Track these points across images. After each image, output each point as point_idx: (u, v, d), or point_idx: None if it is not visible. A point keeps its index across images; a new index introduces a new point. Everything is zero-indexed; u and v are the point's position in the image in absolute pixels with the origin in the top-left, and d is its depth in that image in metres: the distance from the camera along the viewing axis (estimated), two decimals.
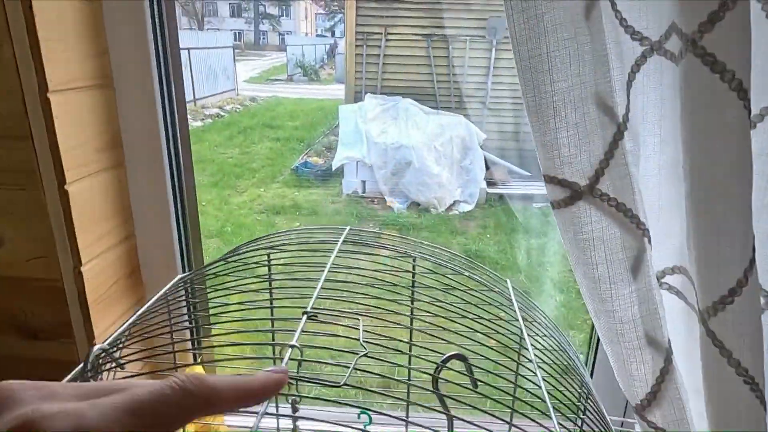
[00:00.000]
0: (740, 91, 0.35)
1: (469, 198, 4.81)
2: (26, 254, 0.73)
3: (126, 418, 0.20)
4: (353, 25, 5.73)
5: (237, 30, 21.40)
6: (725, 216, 0.37)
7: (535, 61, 0.41)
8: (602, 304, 0.45)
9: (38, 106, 0.66)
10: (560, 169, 0.43)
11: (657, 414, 0.45)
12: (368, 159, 4.79)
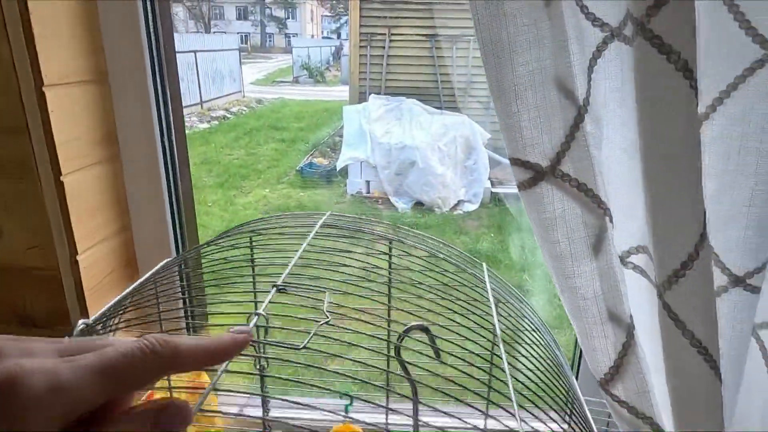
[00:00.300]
0: (686, 71, 0.36)
1: (473, 198, 4.81)
2: (24, 244, 0.76)
3: (97, 378, 0.22)
4: (357, 26, 5.76)
5: (243, 33, 21.54)
6: (677, 192, 0.39)
7: (498, 46, 0.43)
8: (566, 280, 0.46)
9: (34, 100, 0.68)
10: (523, 150, 0.45)
11: (620, 387, 0.47)
12: (372, 159, 4.81)
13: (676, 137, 0.37)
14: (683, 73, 0.36)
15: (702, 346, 0.41)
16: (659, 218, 0.40)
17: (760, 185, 0.45)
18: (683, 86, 0.36)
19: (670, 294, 0.41)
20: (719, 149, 0.48)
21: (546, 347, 0.53)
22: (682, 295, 0.40)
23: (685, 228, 0.39)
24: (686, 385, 0.42)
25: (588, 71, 0.46)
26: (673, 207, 0.39)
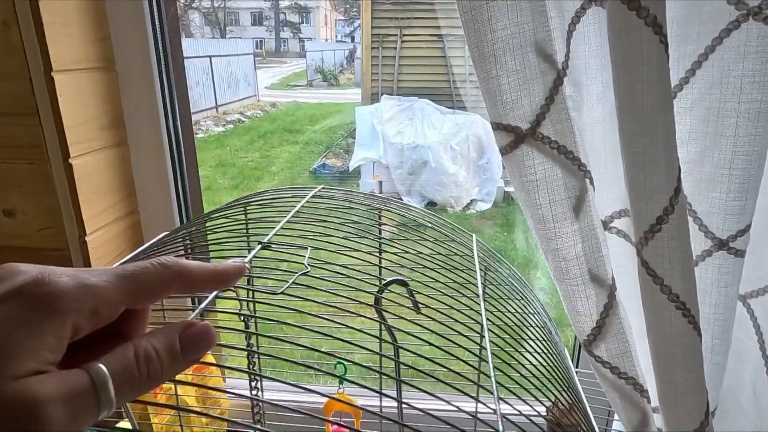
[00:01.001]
0: (655, 26, 0.37)
1: (486, 197, 4.80)
2: (36, 225, 0.79)
3: (118, 281, 0.24)
4: (369, 27, 5.80)
5: (258, 38, 21.79)
6: (650, 147, 0.39)
7: (476, 11, 0.44)
8: (548, 243, 0.47)
9: (43, 85, 0.71)
10: (504, 115, 0.46)
11: (602, 347, 0.48)
12: (384, 159, 4.83)
13: (650, 92, 0.38)
14: (653, 28, 0.37)
15: (680, 300, 0.41)
16: (634, 175, 0.41)
17: (740, 146, 0.45)
18: (653, 41, 0.37)
19: (648, 250, 0.42)
20: (700, 113, 0.48)
21: (541, 327, 0.54)
22: (659, 250, 0.41)
23: (659, 183, 0.40)
24: (666, 341, 0.43)
25: (567, 36, 0.47)
26: (647, 162, 0.40)
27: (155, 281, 0.25)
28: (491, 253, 0.60)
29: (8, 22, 0.69)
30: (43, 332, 0.21)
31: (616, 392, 0.49)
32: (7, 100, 0.73)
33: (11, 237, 0.80)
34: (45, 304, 0.21)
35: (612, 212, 0.51)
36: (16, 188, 0.77)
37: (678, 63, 0.48)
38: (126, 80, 0.85)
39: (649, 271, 0.42)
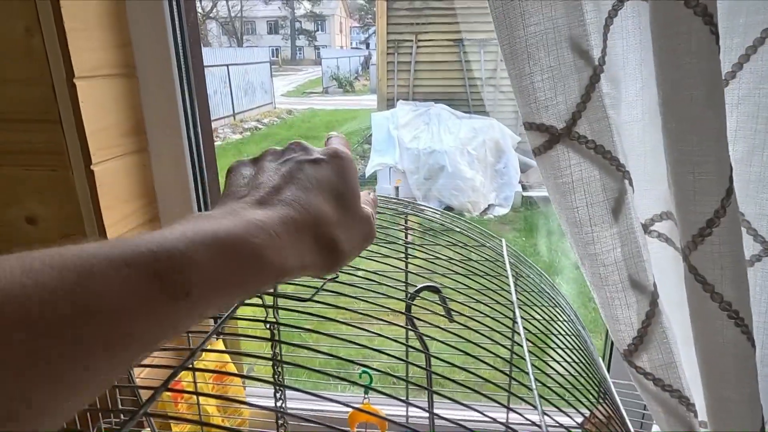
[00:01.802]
0: (705, 15, 0.35)
1: (504, 201, 4.75)
2: (58, 232, 0.79)
3: None
4: (384, 33, 5.81)
5: (274, 46, 22.02)
6: (699, 146, 0.37)
7: (508, 6, 0.42)
8: (585, 248, 0.45)
9: (66, 91, 0.71)
10: (537, 113, 0.44)
11: (644, 358, 0.45)
12: (401, 165, 4.82)
13: (699, 86, 0.36)
14: (702, 18, 0.35)
15: (732, 309, 0.39)
16: (681, 175, 0.38)
17: None
18: (704, 31, 0.35)
19: (696, 255, 0.39)
20: (747, 109, 0.45)
21: (575, 336, 0.51)
22: (709, 255, 0.38)
23: (710, 183, 0.37)
24: (717, 353, 0.40)
25: (603, 30, 0.44)
26: (696, 162, 0.37)
27: None
28: (522, 258, 0.58)
29: (31, 29, 0.69)
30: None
31: (659, 405, 0.46)
32: (29, 106, 0.73)
33: (34, 244, 0.79)
34: (348, 170, 0.31)
35: (653, 215, 0.48)
36: (38, 195, 0.77)
37: (724, 56, 0.45)
38: (147, 86, 0.84)
39: (698, 278, 0.39)
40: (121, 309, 0.18)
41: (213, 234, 0.22)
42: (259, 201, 0.26)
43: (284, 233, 0.25)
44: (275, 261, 0.24)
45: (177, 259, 0.20)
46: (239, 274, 0.22)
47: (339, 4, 24.60)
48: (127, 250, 0.19)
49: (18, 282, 0.17)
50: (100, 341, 0.18)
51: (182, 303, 0.20)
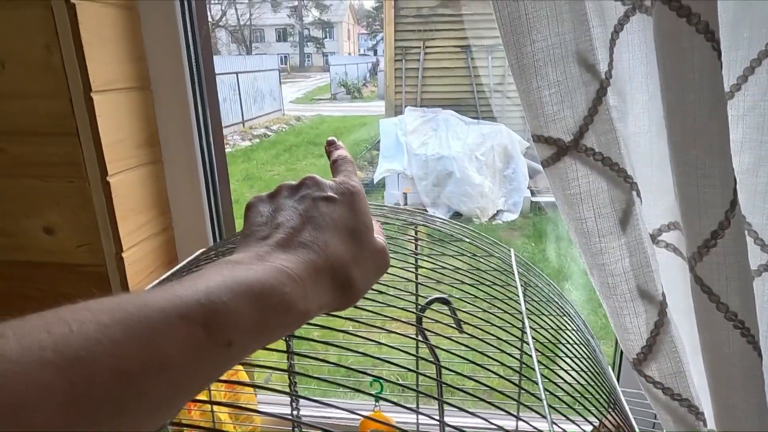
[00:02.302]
0: (707, 32, 0.36)
1: (513, 207, 4.74)
2: (74, 242, 0.81)
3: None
4: (392, 40, 5.84)
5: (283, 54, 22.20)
6: (703, 159, 0.38)
7: (516, 23, 0.43)
8: (594, 258, 0.45)
9: (83, 105, 0.73)
10: (545, 127, 0.44)
11: (653, 367, 0.45)
12: (409, 171, 4.83)
13: (702, 101, 0.37)
14: (705, 35, 0.36)
15: (738, 319, 0.39)
16: (686, 187, 0.39)
17: None
18: (705, 48, 0.36)
19: (702, 266, 0.40)
20: (753, 121, 0.46)
21: (584, 345, 0.52)
22: (714, 266, 0.39)
23: (714, 195, 0.38)
24: (724, 362, 0.41)
25: (610, 44, 0.45)
26: (700, 175, 0.38)
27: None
28: (530, 267, 0.58)
29: (50, 46, 0.71)
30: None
31: (669, 414, 0.47)
32: (47, 120, 0.75)
33: (51, 253, 0.82)
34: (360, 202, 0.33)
35: (660, 225, 0.49)
36: (56, 206, 0.79)
37: (728, 69, 0.46)
38: (161, 99, 0.86)
39: (704, 288, 0.40)
40: (179, 362, 0.20)
41: (250, 285, 0.23)
42: (281, 243, 0.28)
43: (307, 278, 0.26)
44: (301, 307, 0.26)
45: (222, 312, 0.22)
46: (272, 323, 0.24)
47: (347, 12, 24.76)
48: (179, 303, 0.21)
49: (93, 338, 0.18)
50: (162, 392, 0.20)
51: (225, 351, 0.22)
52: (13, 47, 0.72)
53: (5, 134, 0.76)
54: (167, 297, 0.21)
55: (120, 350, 0.18)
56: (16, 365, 0.16)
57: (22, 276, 0.83)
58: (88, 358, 0.18)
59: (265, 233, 0.29)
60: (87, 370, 0.17)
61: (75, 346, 0.17)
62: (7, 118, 0.75)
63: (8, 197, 0.79)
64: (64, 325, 0.18)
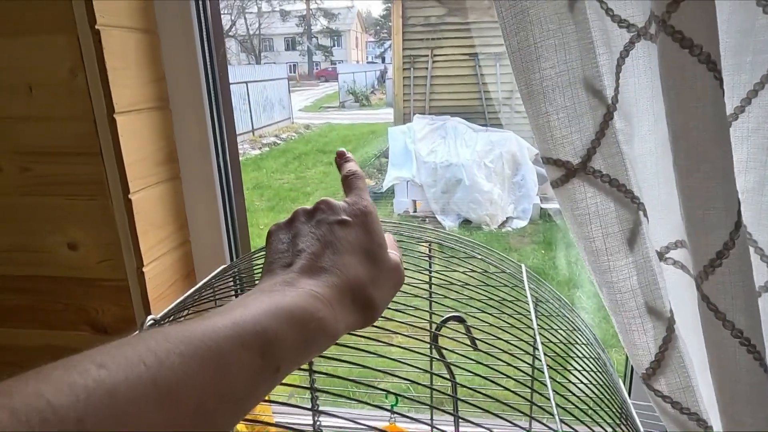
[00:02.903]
0: (709, 63, 0.37)
1: (522, 214, 4.74)
2: (96, 258, 0.83)
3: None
4: (400, 49, 5.89)
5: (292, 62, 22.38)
6: (707, 182, 0.39)
7: (524, 51, 0.45)
8: (602, 275, 0.47)
9: (106, 126, 0.76)
10: (554, 149, 0.46)
11: (662, 381, 0.47)
12: (418, 178, 4.84)
13: (705, 128, 0.38)
14: (707, 65, 0.37)
15: (744, 336, 0.40)
16: (691, 209, 0.40)
17: None
18: (708, 78, 0.37)
19: (708, 285, 0.41)
20: (758, 141, 0.47)
21: (595, 359, 0.53)
22: (720, 285, 0.40)
23: (718, 217, 0.39)
24: (730, 378, 0.42)
25: (616, 70, 0.47)
26: (704, 197, 0.39)
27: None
28: (541, 282, 0.60)
29: (75, 70, 0.74)
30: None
31: (678, 428, 0.48)
32: (72, 140, 0.78)
33: (74, 269, 0.84)
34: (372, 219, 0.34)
35: (668, 243, 0.50)
36: (79, 223, 0.82)
37: (732, 91, 0.47)
38: (179, 118, 0.89)
39: (710, 306, 0.41)
40: (242, 390, 0.22)
41: (291, 311, 0.26)
42: (305, 269, 0.30)
43: (334, 301, 0.28)
44: (333, 329, 0.28)
45: (274, 339, 0.24)
46: (310, 346, 0.26)
47: (355, 20, 24.94)
48: (241, 333, 0.23)
49: (180, 371, 0.20)
50: (227, 417, 0.22)
51: (274, 375, 0.24)
52: (41, 72, 0.75)
53: (32, 154, 0.79)
54: (228, 325, 0.23)
55: (199, 382, 0.20)
56: (126, 404, 0.18)
57: (47, 290, 0.86)
58: (177, 391, 0.19)
59: (288, 260, 0.31)
60: (177, 403, 0.19)
61: (167, 380, 0.19)
62: (34, 139, 0.78)
63: (34, 215, 0.82)
64: (153, 357, 0.20)
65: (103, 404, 0.17)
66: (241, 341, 0.22)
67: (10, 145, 0.79)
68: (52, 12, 0.72)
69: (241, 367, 0.22)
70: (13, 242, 0.84)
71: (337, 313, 0.28)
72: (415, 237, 0.57)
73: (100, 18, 0.72)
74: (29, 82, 0.76)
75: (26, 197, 0.81)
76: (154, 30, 0.84)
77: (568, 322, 0.56)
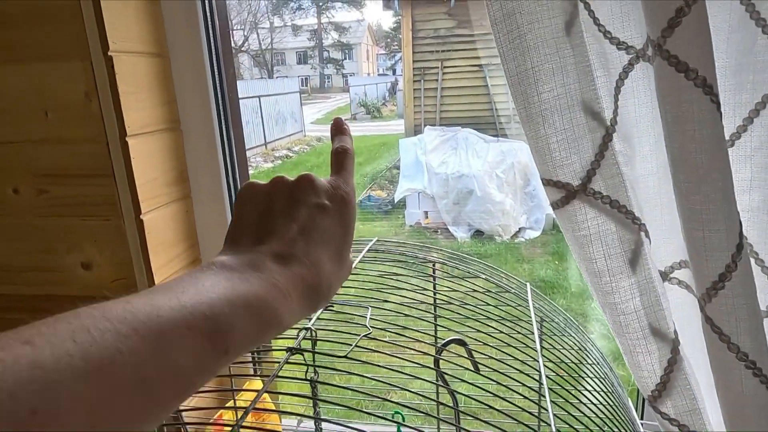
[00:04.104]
0: (705, 86, 0.37)
1: (535, 224, 4.71)
2: (109, 277, 0.85)
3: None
4: (410, 61, 5.93)
5: (303, 76, 22.63)
6: (707, 204, 0.39)
7: (522, 75, 0.46)
8: (605, 297, 0.47)
9: (119, 148, 0.78)
10: (554, 171, 0.47)
11: (668, 404, 0.46)
12: (429, 190, 4.85)
13: (703, 151, 0.38)
14: (703, 89, 0.37)
15: (750, 359, 0.40)
16: (692, 231, 0.40)
17: None
18: (704, 102, 0.38)
19: (711, 307, 0.41)
20: (761, 160, 0.47)
21: (603, 379, 0.53)
22: (723, 307, 0.40)
23: (720, 239, 0.39)
24: (737, 402, 0.41)
25: (615, 92, 0.47)
26: (705, 220, 0.39)
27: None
28: (546, 301, 0.60)
29: (89, 94, 0.76)
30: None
31: None
32: (86, 162, 0.80)
33: (87, 288, 0.86)
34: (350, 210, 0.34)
35: (672, 263, 0.50)
36: (93, 243, 0.83)
37: (734, 111, 0.47)
38: (190, 138, 0.91)
39: (714, 329, 0.41)
40: (187, 370, 0.23)
41: (248, 300, 0.26)
42: (275, 254, 0.29)
43: (296, 295, 0.28)
44: (286, 321, 0.28)
45: (223, 325, 0.24)
46: (261, 335, 0.26)
47: (365, 33, 25.18)
48: (187, 315, 0.23)
49: (114, 347, 0.20)
50: (171, 397, 0.22)
51: (222, 358, 0.24)
52: (56, 97, 0.77)
53: (48, 176, 0.81)
54: (176, 308, 0.23)
55: (139, 360, 0.20)
56: (52, 373, 0.18)
57: (61, 309, 0.87)
58: (111, 368, 0.20)
59: (259, 237, 0.30)
60: (111, 379, 0.19)
61: (99, 356, 0.19)
62: (49, 161, 0.80)
63: (50, 235, 0.84)
64: (86, 334, 0.20)
65: (22, 377, 0.17)
66: (186, 324, 0.23)
67: (27, 167, 0.81)
68: (67, 39, 0.74)
69: (184, 347, 0.22)
70: (29, 262, 0.86)
71: (294, 306, 0.28)
72: (419, 257, 0.57)
73: (112, 44, 0.74)
74: (45, 106, 0.78)
75: (42, 218, 0.83)
76: (165, 53, 0.86)
77: (575, 342, 0.56)
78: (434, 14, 5.91)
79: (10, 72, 0.77)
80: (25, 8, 0.74)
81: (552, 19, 0.44)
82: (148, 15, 0.82)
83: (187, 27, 0.86)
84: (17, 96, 0.78)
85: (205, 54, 0.88)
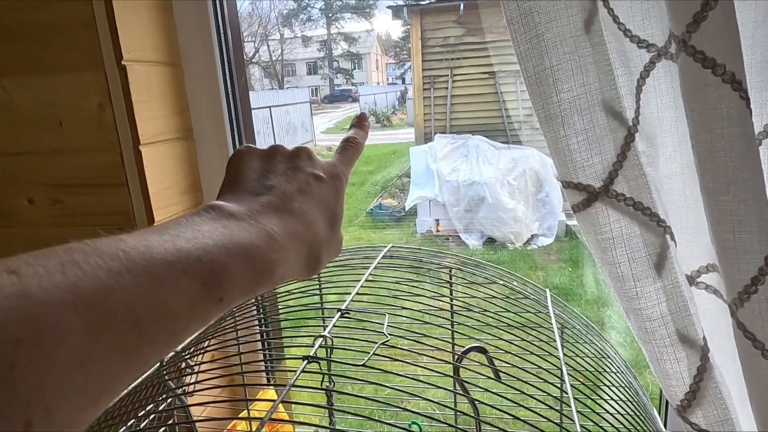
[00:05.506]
0: (734, 82, 0.36)
1: (547, 231, 4.67)
2: None
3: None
4: (419, 70, 5.94)
5: (313, 86, 22.81)
6: (737, 205, 0.38)
7: (541, 75, 0.44)
8: (630, 302, 0.45)
9: (132, 158, 0.78)
10: (574, 173, 0.45)
11: (699, 414, 0.44)
12: (440, 197, 4.83)
13: (732, 150, 0.37)
14: (731, 85, 0.36)
15: None
16: (722, 234, 0.39)
17: None
18: (733, 98, 0.36)
19: (743, 312, 0.39)
20: None
21: (627, 387, 0.51)
22: (757, 312, 0.38)
23: (752, 241, 0.38)
24: None
25: (636, 91, 0.46)
26: (736, 221, 0.38)
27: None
28: (566, 307, 0.58)
29: (103, 104, 0.76)
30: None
31: None
32: (100, 171, 0.80)
33: None
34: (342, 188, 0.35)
35: (699, 267, 0.49)
36: None
37: (761, 109, 0.46)
38: (203, 147, 0.91)
39: (747, 335, 0.39)
40: (180, 313, 0.22)
41: (245, 248, 0.25)
42: (273, 206, 0.29)
43: (291, 247, 0.28)
44: (280, 272, 0.27)
45: (219, 272, 0.23)
46: (256, 285, 0.26)
47: (375, 43, 25.35)
48: (183, 259, 0.22)
49: (107, 285, 0.19)
50: (164, 340, 0.21)
51: (217, 306, 0.24)
52: (70, 107, 0.77)
53: (62, 186, 0.81)
54: (171, 251, 0.22)
55: (131, 299, 0.20)
56: (40, 305, 0.17)
57: None
58: (102, 305, 0.19)
59: (258, 191, 0.30)
60: (102, 315, 0.19)
61: (90, 291, 0.19)
62: (64, 171, 0.81)
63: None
64: (77, 268, 0.19)
65: (6, 306, 0.17)
66: (182, 267, 0.22)
67: (41, 178, 0.82)
68: (80, 50, 0.75)
69: (178, 290, 0.22)
70: None
71: (289, 258, 0.28)
72: (434, 263, 0.56)
73: (126, 54, 0.75)
74: (60, 116, 0.78)
75: (56, 228, 0.83)
76: (178, 62, 0.86)
77: (597, 350, 0.54)
78: (443, 23, 5.92)
79: (25, 84, 0.78)
80: (39, 21, 0.75)
81: (571, 17, 0.43)
82: (161, 25, 0.83)
83: (199, 36, 0.86)
84: (32, 107, 0.79)
85: (217, 63, 0.88)
